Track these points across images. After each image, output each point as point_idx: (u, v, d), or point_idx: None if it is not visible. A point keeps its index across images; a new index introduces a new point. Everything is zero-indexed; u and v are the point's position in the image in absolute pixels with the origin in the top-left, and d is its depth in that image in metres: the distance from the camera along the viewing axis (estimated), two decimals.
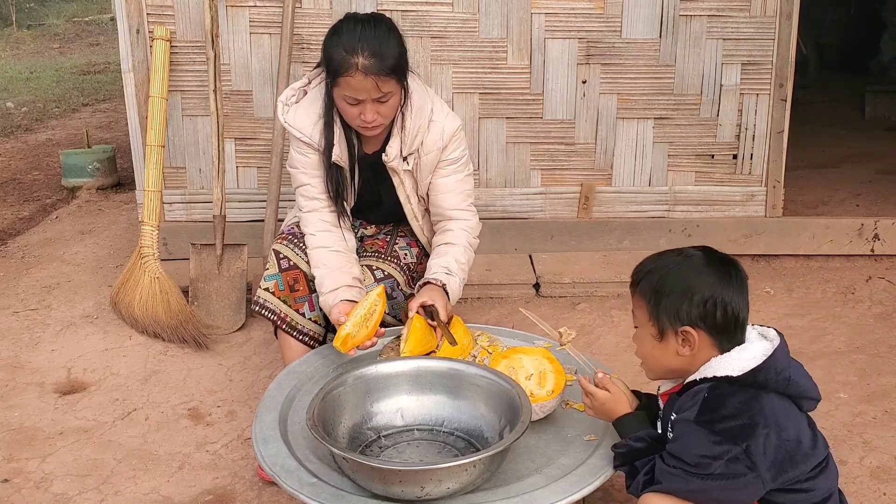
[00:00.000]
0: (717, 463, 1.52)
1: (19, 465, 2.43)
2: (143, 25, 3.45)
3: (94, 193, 5.00)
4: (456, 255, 2.43)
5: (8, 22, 12.88)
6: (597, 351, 3.04)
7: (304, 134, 2.39)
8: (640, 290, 1.67)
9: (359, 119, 2.28)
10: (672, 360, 1.66)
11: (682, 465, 1.55)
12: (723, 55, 3.62)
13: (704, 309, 1.60)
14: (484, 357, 2.13)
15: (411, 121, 2.37)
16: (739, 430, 1.52)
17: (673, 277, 1.63)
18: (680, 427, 1.60)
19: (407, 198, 2.50)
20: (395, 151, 2.39)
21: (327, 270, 2.35)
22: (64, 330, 3.25)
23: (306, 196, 2.46)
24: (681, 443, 1.58)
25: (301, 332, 2.44)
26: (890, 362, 2.97)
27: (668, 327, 1.63)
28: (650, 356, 1.70)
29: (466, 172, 2.54)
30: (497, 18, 3.54)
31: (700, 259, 1.65)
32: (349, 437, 1.86)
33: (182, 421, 2.66)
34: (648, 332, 1.67)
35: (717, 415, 1.54)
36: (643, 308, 1.67)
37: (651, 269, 1.67)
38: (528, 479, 1.70)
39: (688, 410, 1.59)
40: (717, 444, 1.52)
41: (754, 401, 1.55)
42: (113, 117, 7.37)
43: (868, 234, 3.78)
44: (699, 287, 1.61)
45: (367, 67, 2.17)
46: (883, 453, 2.43)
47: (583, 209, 3.78)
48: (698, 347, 1.62)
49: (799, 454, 1.57)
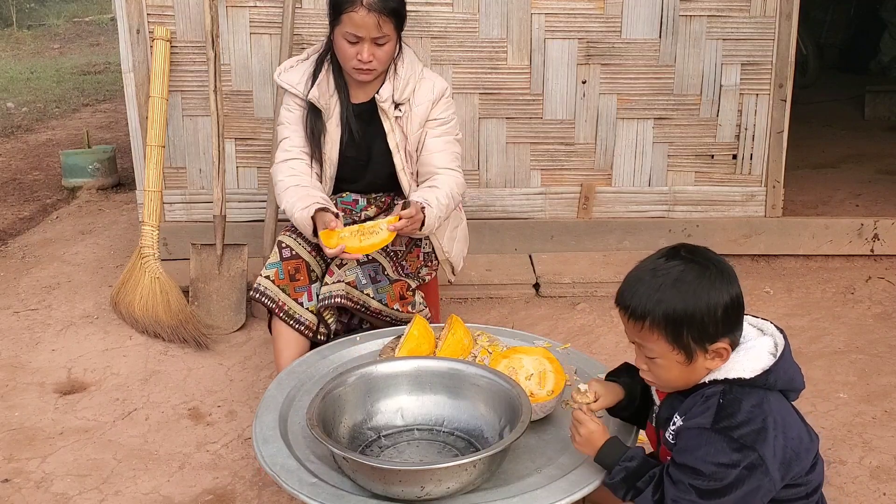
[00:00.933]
0: (734, 471, 1.49)
1: (19, 465, 2.43)
2: (143, 25, 3.45)
3: (95, 193, 5.00)
4: (437, 194, 2.49)
5: (8, 22, 12.88)
6: (597, 351, 3.04)
7: (291, 85, 2.57)
8: (648, 327, 1.56)
9: (355, 59, 2.43)
10: (700, 375, 1.60)
11: (696, 480, 1.51)
12: (723, 55, 3.62)
13: (727, 316, 1.55)
14: (484, 357, 2.13)
15: (403, 70, 2.54)
16: (755, 435, 1.50)
17: (681, 301, 1.53)
18: (693, 436, 1.54)
19: (396, 146, 2.57)
20: (388, 94, 2.53)
21: (296, 197, 2.46)
22: (64, 330, 3.25)
23: (283, 148, 2.60)
24: (695, 453, 1.52)
25: (297, 322, 2.47)
26: (890, 362, 2.97)
27: (698, 349, 1.56)
28: (678, 379, 1.61)
29: (455, 136, 2.65)
30: (497, 18, 3.54)
31: (689, 269, 1.56)
32: (349, 436, 1.86)
33: (182, 421, 2.66)
34: (673, 360, 1.57)
35: (734, 421, 1.51)
36: (660, 341, 1.57)
37: (648, 301, 1.56)
38: (528, 479, 1.70)
39: (700, 416, 1.54)
40: (735, 450, 1.49)
41: (765, 403, 1.53)
42: (113, 117, 7.37)
43: (868, 234, 3.79)
44: (716, 299, 1.54)
45: (371, 4, 2.36)
46: (883, 453, 2.43)
47: (583, 209, 3.78)
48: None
49: (802, 450, 1.57)
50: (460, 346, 2.15)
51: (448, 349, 2.13)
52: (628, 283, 1.62)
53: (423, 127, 2.58)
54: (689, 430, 1.56)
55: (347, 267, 2.47)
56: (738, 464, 1.49)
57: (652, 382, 1.67)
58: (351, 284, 2.45)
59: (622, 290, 1.63)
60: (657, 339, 1.57)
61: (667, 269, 1.57)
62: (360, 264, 2.48)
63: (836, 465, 2.35)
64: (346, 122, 2.57)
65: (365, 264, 2.49)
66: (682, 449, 1.57)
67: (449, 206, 2.52)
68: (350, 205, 2.69)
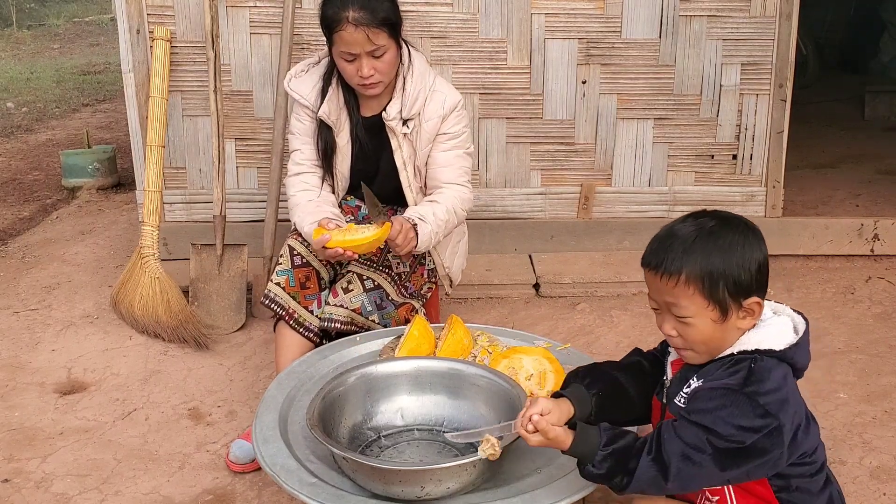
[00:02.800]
0: (754, 437, 1.45)
1: (19, 465, 2.43)
2: (143, 26, 3.45)
3: (95, 194, 5.00)
4: (435, 209, 2.45)
5: (8, 22, 12.87)
6: (597, 351, 3.04)
7: (301, 96, 2.52)
8: (684, 281, 1.52)
9: (357, 76, 2.39)
10: (731, 337, 1.56)
11: (713, 439, 1.46)
12: (722, 55, 3.62)
13: (760, 273, 1.53)
14: (484, 357, 2.14)
15: (412, 85, 2.48)
16: (780, 404, 1.47)
17: (718, 253, 1.51)
18: (717, 396, 1.49)
19: (403, 164, 2.53)
20: (395, 111, 2.48)
21: (307, 212, 2.45)
22: (64, 330, 3.25)
23: (294, 161, 2.58)
24: (716, 413, 1.48)
25: (306, 329, 2.46)
26: (890, 362, 2.97)
27: (732, 305, 1.53)
28: (711, 340, 1.56)
29: (465, 149, 2.59)
30: (497, 19, 3.54)
31: (721, 225, 1.54)
32: (349, 437, 1.86)
33: (182, 421, 2.66)
34: (707, 317, 1.53)
35: (763, 387, 1.48)
36: (695, 296, 1.52)
37: (684, 255, 1.52)
38: (528, 479, 1.70)
39: (728, 378, 1.51)
40: (759, 416, 1.46)
41: (788, 377, 1.52)
42: (113, 117, 7.37)
43: (868, 234, 3.78)
44: (750, 253, 1.52)
45: (357, 20, 2.29)
46: (883, 453, 2.43)
47: (583, 209, 3.79)
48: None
49: (810, 430, 1.57)
50: (460, 346, 2.15)
51: (448, 349, 2.13)
52: (659, 240, 1.58)
53: (432, 141, 2.53)
54: (714, 389, 1.51)
55: (353, 293, 2.45)
56: (760, 430, 1.46)
57: (681, 349, 1.61)
58: (356, 311, 2.44)
59: (652, 249, 1.59)
60: (692, 294, 1.52)
61: (699, 224, 1.55)
62: (366, 291, 2.46)
63: (836, 465, 2.35)
64: (355, 136, 2.54)
65: (371, 290, 2.47)
66: (699, 409, 1.51)
67: (449, 221, 2.48)
68: (353, 210, 2.69)
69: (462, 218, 2.59)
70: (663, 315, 1.60)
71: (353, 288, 2.45)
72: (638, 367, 1.78)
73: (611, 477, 1.53)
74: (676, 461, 1.48)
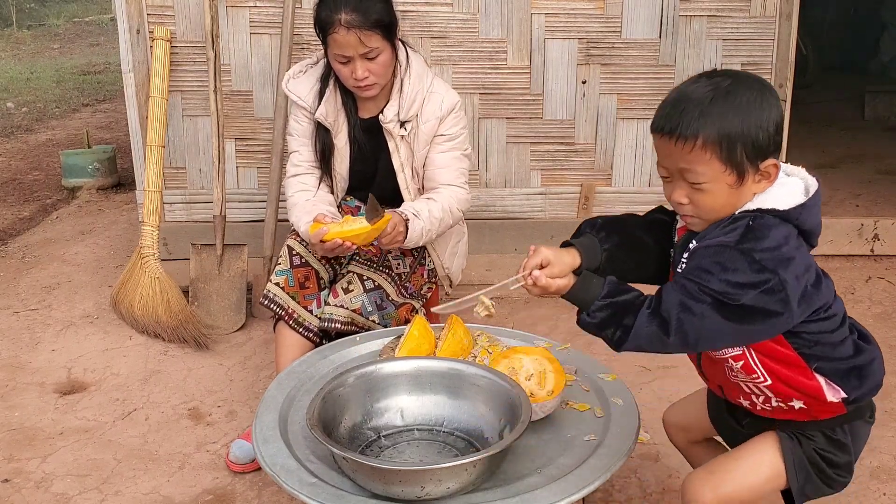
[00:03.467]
0: (751, 293, 1.39)
1: (19, 465, 2.43)
2: (143, 26, 3.45)
3: (95, 193, 5.01)
4: (431, 206, 2.45)
5: (8, 22, 12.88)
6: (597, 351, 3.03)
7: (299, 97, 2.52)
8: (700, 145, 1.43)
9: (351, 79, 2.38)
10: (745, 201, 1.49)
11: (707, 290, 1.41)
12: (723, 55, 3.62)
13: (777, 133, 1.46)
14: (484, 357, 2.13)
15: (409, 86, 2.47)
16: (778, 261, 1.41)
17: (736, 114, 1.43)
18: (710, 253, 1.44)
19: (401, 166, 2.53)
20: (392, 114, 2.48)
21: (303, 211, 2.45)
22: (64, 330, 3.26)
23: (293, 162, 2.58)
24: (709, 269, 1.42)
25: (306, 329, 2.46)
26: (890, 362, 2.96)
27: (749, 168, 1.45)
28: (724, 207, 1.49)
29: (463, 151, 2.59)
30: (497, 19, 3.54)
31: (737, 83, 1.46)
32: (349, 437, 1.86)
33: (182, 421, 2.66)
34: (724, 182, 1.46)
35: (760, 245, 1.42)
36: (712, 160, 1.45)
37: (700, 117, 1.43)
38: (528, 479, 1.70)
39: (724, 236, 1.45)
40: (756, 271, 1.39)
41: (792, 237, 1.46)
42: (113, 117, 7.37)
43: (868, 234, 3.79)
44: (767, 113, 1.44)
45: (349, 22, 2.28)
46: (883, 453, 2.43)
47: (583, 209, 3.79)
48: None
49: (822, 285, 1.52)
50: (460, 346, 2.15)
51: (448, 349, 2.13)
52: (672, 104, 1.48)
53: (430, 143, 2.53)
54: (708, 247, 1.46)
55: (353, 294, 2.45)
56: (758, 286, 1.40)
57: (692, 217, 1.54)
58: (357, 312, 2.44)
59: (663, 112, 1.48)
60: (709, 158, 1.45)
61: (714, 84, 1.46)
62: (367, 291, 2.46)
63: None
64: (353, 138, 2.55)
65: (371, 291, 2.48)
66: (694, 266, 1.46)
67: (443, 220, 2.47)
68: (353, 210, 2.69)
69: (458, 218, 2.59)
70: (675, 182, 1.53)
71: (353, 288, 2.46)
72: (661, 224, 1.72)
73: (603, 327, 1.50)
74: (676, 312, 1.43)
